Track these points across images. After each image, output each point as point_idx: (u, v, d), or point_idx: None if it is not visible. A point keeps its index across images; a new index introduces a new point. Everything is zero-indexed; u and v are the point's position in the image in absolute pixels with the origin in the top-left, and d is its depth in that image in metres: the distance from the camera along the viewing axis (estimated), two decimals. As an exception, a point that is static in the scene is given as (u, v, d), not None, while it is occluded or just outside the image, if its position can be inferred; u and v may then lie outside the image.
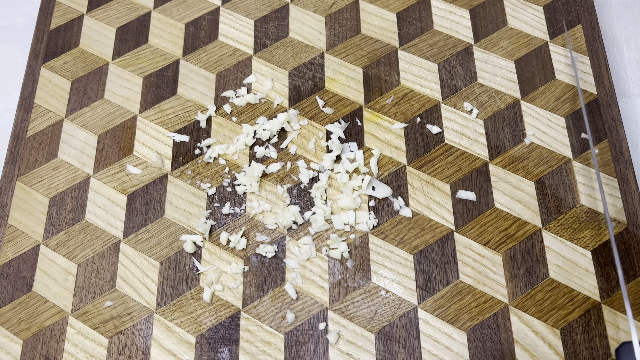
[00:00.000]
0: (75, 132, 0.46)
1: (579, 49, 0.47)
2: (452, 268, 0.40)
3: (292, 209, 0.41)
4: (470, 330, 0.38)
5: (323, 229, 0.41)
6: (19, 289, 0.41)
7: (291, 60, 0.47)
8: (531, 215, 0.41)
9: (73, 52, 0.49)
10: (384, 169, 0.43)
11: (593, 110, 0.44)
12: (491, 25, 0.48)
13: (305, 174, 0.42)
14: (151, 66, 0.48)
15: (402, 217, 0.41)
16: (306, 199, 0.42)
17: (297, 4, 0.50)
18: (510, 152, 0.43)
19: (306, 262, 0.40)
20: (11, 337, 0.39)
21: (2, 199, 0.44)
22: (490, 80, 0.46)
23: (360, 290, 0.39)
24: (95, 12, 0.51)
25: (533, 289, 0.39)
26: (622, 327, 0.38)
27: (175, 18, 0.50)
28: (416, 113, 0.45)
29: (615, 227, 0.41)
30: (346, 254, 0.40)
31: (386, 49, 0.47)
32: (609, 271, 0.39)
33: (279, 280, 0.40)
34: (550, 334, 0.38)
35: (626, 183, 0.42)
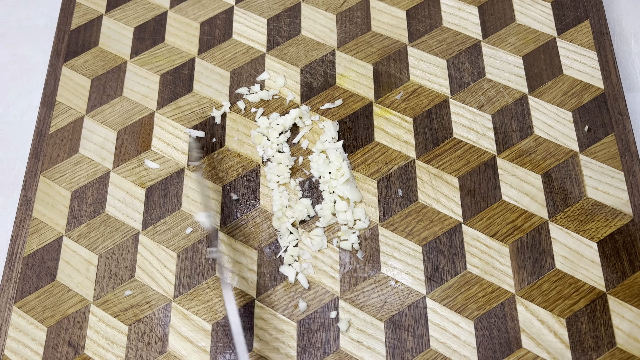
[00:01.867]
0: (96, 128, 0.47)
1: (586, 44, 0.47)
2: (459, 259, 0.41)
3: (304, 201, 0.43)
4: (478, 319, 0.39)
5: (331, 222, 0.42)
6: (44, 279, 0.43)
7: (303, 57, 0.49)
8: (538, 207, 0.42)
9: (93, 51, 0.51)
10: (394, 163, 0.44)
11: (600, 104, 0.45)
12: (499, 22, 0.49)
13: (316, 168, 0.44)
14: (168, 64, 0.50)
15: (411, 209, 0.43)
16: (317, 192, 0.43)
17: (309, 2, 0.51)
18: (517, 145, 0.44)
19: (318, 253, 0.42)
20: (36, 324, 0.41)
21: (27, 192, 0.46)
22: (498, 76, 0.47)
23: (370, 280, 0.41)
24: (113, 12, 0.53)
25: (539, 279, 0.40)
26: (628, 317, 0.39)
27: (191, 17, 0.52)
28: (425, 108, 0.46)
29: (621, 219, 0.41)
30: (356, 245, 0.41)
31: (396, 46, 0.49)
32: (614, 262, 0.40)
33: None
34: (556, 323, 0.39)
35: (632, 176, 0.42)
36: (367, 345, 0.39)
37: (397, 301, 0.40)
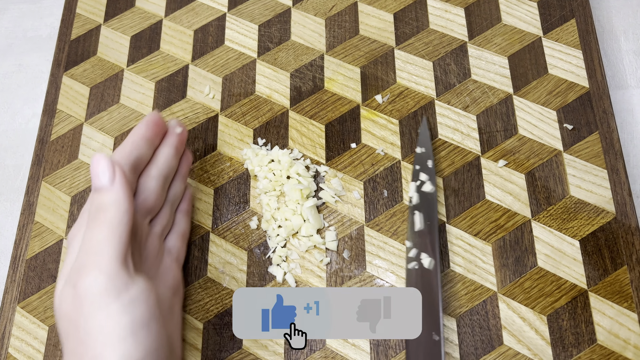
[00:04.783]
0: (94, 135, 0.49)
1: (572, 43, 0.48)
2: (443, 258, 0.42)
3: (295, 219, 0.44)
4: (460, 316, 0.40)
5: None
6: (45, 280, 0.45)
7: (293, 62, 0.50)
8: (521, 206, 0.43)
9: (91, 60, 0.53)
10: (380, 164, 0.45)
11: (585, 103, 0.45)
12: (485, 23, 0.50)
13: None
14: (162, 71, 0.51)
15: (396, 209, 0.43)
16: (305, 194, 0.45)
17: (299, 7, 0.52)
18: (501, 145, 0.45)
19: (305, 253, 0.43)
20: (38, 324, 0.43)
21: (29, 197, 0.48)
22: (483, 77, 0.47)
23: (356, 279, 0.42)
24: (111, 22, 0.54)
25: (521, 277, 0.41)
26: (608, 314, 0.39)
27: (185, 25, 0.53)
28: (411, 110, 0.47)
29: (604, 217, 0.42)
30: (333, 245, 0.42)
31: (383, 49, 0.49)
32: (596, 259, 0.41)
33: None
34: (537, 320, 0.39)
35: (616, 174, 0.43)
36: (352, 342, 0.40)
37: (382, 299, 0.41)
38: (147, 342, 0.30)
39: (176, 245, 0.41)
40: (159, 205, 0.39)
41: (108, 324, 0.29)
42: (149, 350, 0.30)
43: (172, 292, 0.38)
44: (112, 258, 0.30)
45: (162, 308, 0.35)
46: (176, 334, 0.37)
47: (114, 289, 0.30)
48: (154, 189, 0.38)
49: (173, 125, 0.42)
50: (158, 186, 0.38)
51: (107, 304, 0.29)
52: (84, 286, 0.30)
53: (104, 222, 0.31)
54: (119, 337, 0.29)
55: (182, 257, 0.41)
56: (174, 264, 0.39)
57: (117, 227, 0.31)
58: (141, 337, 0.30)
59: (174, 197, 0.41)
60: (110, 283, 0.29)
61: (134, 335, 0.29)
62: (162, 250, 0.39)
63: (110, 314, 0.29)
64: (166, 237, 0.40)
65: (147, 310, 0.31)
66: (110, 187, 0.32)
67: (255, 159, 0.45)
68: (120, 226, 0.31)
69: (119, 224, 0.31)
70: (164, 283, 0.38)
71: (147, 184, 0.38)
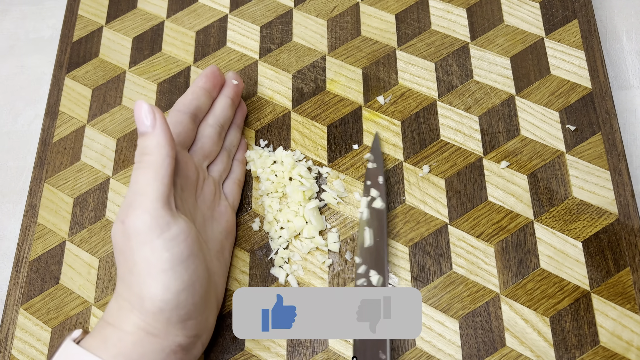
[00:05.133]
0: (96, 136, 0.49)
1: (574, 44, 0.48)
2: (445, 259, 0.42)
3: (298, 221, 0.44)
4: (463, 318, 0.40)
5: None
6: (48, 282, 0.45)
7: (294, 63, 0.50)
8: (523, 207, 0.43)
9: (93, 62, 0.53)
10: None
11: (587, 103, 0.45)
12: (487, 23, 0.49)
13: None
14: (164, 73, 0.51)
15: (398, 211, 0.43)
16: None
17: (300, 8, 0.52)
18: (504, 147, 0.45)
19: (307, 255, 0.43)
20: (41, 325, 0.43)
21: (32, 199, 0.48)
22: (485, 77, 0.47)
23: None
24: (113, 24, 0.55)
25: (524, 278, 0.41)
26: (611, 315, 0.39)
27: (187, 27, 0.53)
28: (413, 111, 0.47)
29: (607, 218, 0.42)
30: (335, 246, 0.42)
31: (385, 50, 0.49)
32: (599, 261, 0.41)
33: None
34: (539, 322, 0.39)
35: (619, 175, 0.43)
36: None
37: (384, 301, 0.41)
38: (184, 276, 0.33)
39: (232, 191, 0.44)
40: (215, 152, 0.43)
41: (151, 257, 0.32)
42: (187, 284, 0.33)
43: (225, 234, 0.41)
44: (155, 199, 0.33)
45: (212, 248, 0.39)
46: (222, 274, 0.41)
47: (157, 227, 0.32)
48: (211, 135, 0.42)
49: (230, 77, 0.45)
50: (214, 133, 0.42)
51: (150, 240, 0.32)
52: (131, 223, 0.33)
53: (148, 165, 0.34)
54: (160, 269, 0.32)
55: (237, 203, 0.44)
56: (229, 209, 0.42)
57: (159, 169, 0.34)
58: (179, 271, 0.33)
59: (230, 145, 0.45)
60: (153, 222, 0.32)
61: (173, 269, 0.33)
62: (219, 194, 0.42)
63: (153, 249, 0.32)
64: (223, 183, 0.44)
65: (186, 248, 0.33)
66: (152, 132, 0.34)
67: (259, 161, 0.45)
68: (162, 169, 0.34)
69: (160, 167, 0.34)
70: (218, 225, 0.41)
71: (204, 131, 0.42)
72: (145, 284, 0.32)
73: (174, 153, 0.35)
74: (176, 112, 0.40)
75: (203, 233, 0.39)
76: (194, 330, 0.35)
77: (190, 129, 0.40)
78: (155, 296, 0.32)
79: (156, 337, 0.33)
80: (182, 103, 0.41)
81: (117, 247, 0.34)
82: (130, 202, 0.33)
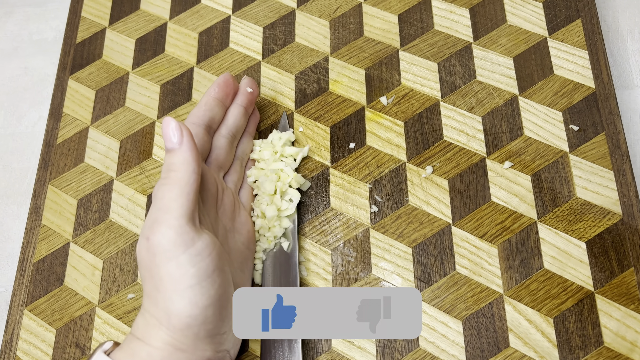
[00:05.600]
0: (100, 138, 0.50)
1: (578, 44, 0.48)
2: (449, 260, 0.42)
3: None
4: (466, 319, 0.40)
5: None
6: (52, 283, 0.45)
7: (297, 64, 0.50)
8: (527, 208, 0.43)
9: (97, 63, 0.53)
10: (385, 167, 0.45)
11: (591, 103, 0.45)
12: (490, 23, 0.49)
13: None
14: (168, 74, 0.51)
15: (402, 211, 0.43)
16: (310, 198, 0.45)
17: (303, 9, 0.52)
18: (507, 147, 0.45)
19: (310, 255, 0.43)
20: (46, 327, 0.44)
21: (36, 201, 0.48)
22: (488, 78, 0.47)
23: (362, 281, 0.42)
24: (116, 25, 0.55)
25: (527, 279, 0.41)
26: (615, 316, 0.39)
27: (190, 28, 0.53)
28: (416, 112, 0.47)
29: (610, 218, 0.42)
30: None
31: (388, 50, 0.49)
32: (603, 261, 0.40)
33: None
34: (543, 323, 0.39)
35: (622, 175, 0.43)
36: (358, 345, 0.40)
37: (387, 302, 0.41)
38: (211, 291, 0.33)
39: (248, 199, 0.43)
40: (229, 162, 0.43)
41: (177, 273, 0.32)
42: (214, 299, 0.33)
43: (246, 245, 0.41)
44: (180, 215, 0.33)
45: (235, 260, 0.39)
46: (247, 285, 0.41)
47: (182, 243, 0.33)
48: (224, 146, 0.42)
49: (244, 85, 0.45)
50: (227, 144, 0.42)
51: (176, 256, 0.32)
52: (156, 240, 0.33)
53: (174, 182, 0.34)
54: (187, 285, 0.32)
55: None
56: (249, 218, 0.42)
57: (185, 186, 0.34)
58: (206, 286, 0.33)
59: (242, 154, 0.44)
60: (178, 238, 0.33)
61: (200, 284, 0.33)
62: (238, 204, 0.42)
63: (179, 264, 0.32)
64: (239, 192, 0.43)
65: (212, 262, 0.33)
66: (179, 149, 0.35)
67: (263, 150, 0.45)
68: (188, 186, 0.34)
69: (186, 184, 0.34)
70: (240, 236, 0.41)
71: (217, 142, 0.42)
72: (172, 301, 0.32)
73: (199, 170, 0.35)
74: (190, 125, 0.40)
75: (225, 245, 0.39)
76: (223, 345, 0.35)
77: (206, 141, 0.40)
78: (182, 312, 0.32)
79: (184, 352, 0.33)
80: (196, 115, 0.41)
81: (143, 263, 0.34)
82: (155, 219, 0.33)
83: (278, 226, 0.42)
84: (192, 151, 0.35)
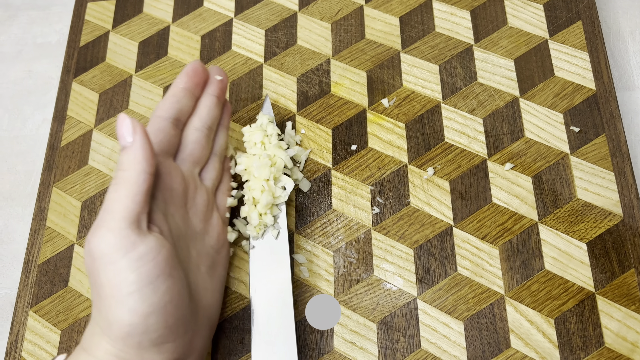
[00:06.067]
0: (103, 140, 0.50)
1: (578, 45, 0.48)
2: (450, 261, 0.42)
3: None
4: (467, 320, 0.40)
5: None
6: (57, 285, 0.45)
7: (299, 67, 0.50)
8: (528, 209, 0.43)
9: (100, 66, 0.54)
10: (386, 168, 0.45)
11: (592, 105, 0.45)
12: (491, 25, 0.50)
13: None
14: (171, 77, 0.52)
15: (403, 213, 0.44)
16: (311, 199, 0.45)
17: (305, 12, 0.53)
18: (508, 148, 0.45)
19: (313, 257, 0.43)
20: (51, 328, 0.44)
21: (41, 203, 0.48)
22: (489, 80, 0.47)
23: (363, 282, 0.42)
24: (119, 28, 0.55)
25: (528, 280, 0.41)
26: (616, 317, 0.39)
27: (192, 31, 0.54)
28: (417, 114, 0.47)
29: (611, 219, 0.42)
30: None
31: (389, 53, 0.50)
32: (603, 262, 0.41)
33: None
34: (544, 324, 0.40)
35: (623, 176, 0.43)
36: (360, 345, 0.40)
37: (389, 303, 0.41)
38: (153, 298, 0.31)
39: (224, 201, 0.41)
40: (206, 156, 0.40)
41: (116, 278, 0.30)
42: (157, 306, 0.31)
43: (216, 249, 0.39)
44: (122, 217, 0.31)
45: (202, 264, 0.37)
46: (216, 290, 0.38)
47: (122, 247, 0.30)
48: (199, 140, 0.39)
49: (214, 73, 0.42)
50: (202, 137, 0.39)
51: (115, 261, 0.30)
52: (95, 243, 0.31)
53: (121, 182, 0.32)
54: (126, 291, 0.30)
55: (227, 215, 0.42)
56: (220, 221, 0.40)
57: (132, 186, 0.32)
58: (147, 293, 0.31)
59: (220, 149, 0.42)
60: (118, 241, 0.30)
61: (140, 291, 0.30)
62: (212, 204, 0.39)
63: (118, 270, 0.30)
64: (215, 192, 0.41)
65: (155, 267, 0.31)
66: (130, 147, 0.33)
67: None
68: (136, 186, 0.32)
69: (134, 184, 0.32)
70: (210, 239, 0.38)
71: (191, 136, 0.39)
72: (111, 308, 0.30)
73: (151, 169, 0.33)
74: (155, 119, 0.37)
75: (192, 248, 0.36)
76: (174, 354, 0.33)
77: (173, 135, 0.38)
78: (122, 320, 0.30)
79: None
80: (162, 108, 0.38)
81: (87, 269, 0.32)
82: (98, 221, 0.32)
83: (269, 214, 0.41)
84: (143, 149, 0.33)
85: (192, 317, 0.34)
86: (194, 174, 0.39)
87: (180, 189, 0.36)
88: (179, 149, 0.38)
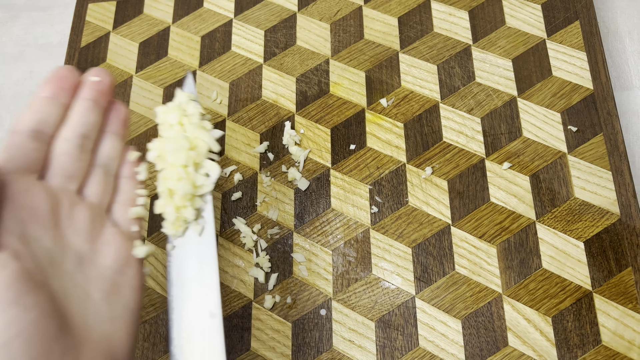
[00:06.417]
0: (104, 140, 0.50)
1: (576, 45, 0.48)
2: (448, 260, 0.42)
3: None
4: (465, 318, 0.40)
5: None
6: (58, 283, 0.46)
7: (298, 67, 0.51)
8: (525, 208, 0.43)
9: (101, 67, 0.54)
10: (385, 168, 0.45)
11: (589, 104, 0.46)
12: (489, 25, 0.50)
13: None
14: (171, 77, 0.52)
15: (401, 212, 0.44)
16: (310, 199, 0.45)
17: (304, 12, 0.53)
18: (506, 148, 0.45)
19: (312, 256, 0.44)
20: (51, 326, 0.44)
21: (42, 203, 0.49)
22: (487, 79, 0.48)
23: (362, 281, 0.42)
24: (120, 29, 0.55)
25: (526, 279, 0.41)
26: (613, 315, 0.39)
27: (192, 31, 0.54)
28: (416, 113, 0.47)
29: (608, 218, 0.42)
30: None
31: (388, 53, 0.50)
32: (601, 261, 0.41)
33: (287, 273, 0.43)
34: (542, 322, 0.40)
35: (620, 175, 0.43)
36: (359, 344, 0.41)
37: (388, 301, 0.42)
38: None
39: (124, 216, 0.35)
40: (81, 169, 0.34)
41: None
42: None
43: (116, 270, 0.33)
44: None
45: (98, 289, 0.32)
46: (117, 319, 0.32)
47: None
48: (68, 151, 0.33)
49: (90, 75, 0.35)
50: (73, 147, 0.33)
51: None
52: None
53: None
54: None
55: (136, 227, 0.34)
56: (117, 236, 0.34)
57: None
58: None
59: (106, 159, 0.35)
60: None
61: None
62: (100, 221, 0.34)
63: None
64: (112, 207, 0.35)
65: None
66: None
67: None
68: None
69: None
70: (104, 259, 0.33)
71: (59, 148, 0.33)
72: None
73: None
74: (10, 134, 0.32)
75: (78, 273, 0.32)
76: None
77: (32, 149, 0.32)
78: None
79: None
80: (18, 121, 0.32)
81: None
82: None
83: (190, 207, 0.34)
84: None
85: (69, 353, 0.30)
86: (69, 189, 0.33)
87: (45, 208, 0.32)
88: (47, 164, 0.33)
